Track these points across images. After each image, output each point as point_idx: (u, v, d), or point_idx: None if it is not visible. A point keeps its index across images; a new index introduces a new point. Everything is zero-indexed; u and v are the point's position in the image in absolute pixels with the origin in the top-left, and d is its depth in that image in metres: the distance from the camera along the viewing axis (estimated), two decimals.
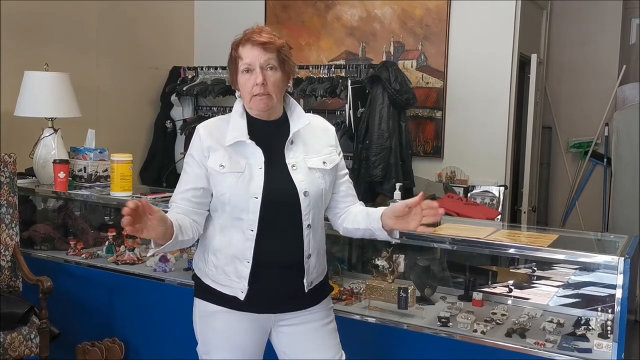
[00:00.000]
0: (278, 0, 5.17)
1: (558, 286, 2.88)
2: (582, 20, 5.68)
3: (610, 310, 2.34)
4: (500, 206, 4.20)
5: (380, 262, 2.70)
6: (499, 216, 4.05)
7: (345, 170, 2.13)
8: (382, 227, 1.98)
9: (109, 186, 3.31)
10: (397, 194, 2.59)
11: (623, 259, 2.16)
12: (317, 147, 2.03)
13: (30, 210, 3.70)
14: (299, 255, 1.97)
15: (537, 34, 5.43)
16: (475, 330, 2.41)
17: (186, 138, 4.88)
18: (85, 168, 3.54)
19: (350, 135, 4.17)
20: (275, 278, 1.97)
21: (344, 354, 2.11)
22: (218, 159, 1.94)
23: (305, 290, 2.00)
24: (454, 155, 4.61)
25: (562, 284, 2.87)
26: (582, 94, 5.69)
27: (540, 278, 2.96)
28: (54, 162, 3.42)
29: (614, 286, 2.18)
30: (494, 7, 4.44)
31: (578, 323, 2.49)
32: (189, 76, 5.00)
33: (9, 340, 2.76)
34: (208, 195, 1.99)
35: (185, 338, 2.26)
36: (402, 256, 2.76)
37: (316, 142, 2.04)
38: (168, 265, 3.09)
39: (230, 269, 1.96)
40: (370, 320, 2.57)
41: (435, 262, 2.93)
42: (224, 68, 4.77)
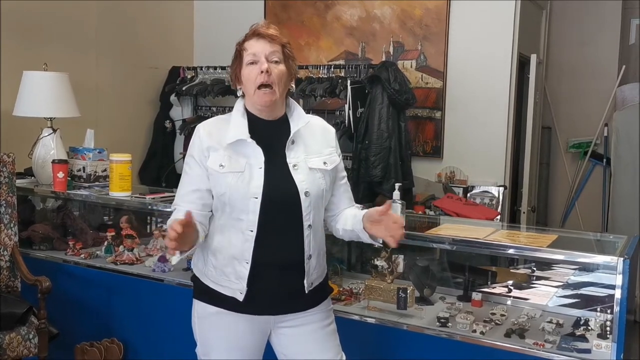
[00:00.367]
0: (277, 0, 5.17)
1: (557, 286, 2.87)
2: (582, 20, 5.68)
3: (609, 311, 2.34)
4: (500, 206, 4.20)
5: (379, 263, 2.70)
6: (499, 216, 4.05)
7: (344, 172, 2.13)
8: (364, 229, 1.99)
9: (108, 186, 3.31)
10: (397, 194, 2.58)
11: (622, 259, 2.16)
12: (318, 148, 2.03)
13: (29, 210, 3.70)
14: (299, 256, 1.96)
15: (537, 34, 5.43)
16: (475, 331, 2.41)
17: (185, 138, 4.87)
18: (84, 168, 3.55)
19: (350, 136, 4.17)
20: (275, 279, 1.96)
21: (344, 355, 2.11)
22: (218, 158, 1.93)
23: (306, 292, 1.99)
24: (453, 156, 4.60)
25: (562, 284, 2.87)
26: (582, 94, 5.68)
27: (539, 278, 2.95)
28: (53, 162, 3.42)
29: (613, 286, 2.18)
30: (493, 7, 4.44)
31: (577, 323, 2.49)
32: (189, 76, 5.00)
33: (7, 341, 2.76)
34: (210, 196, 1.98)
35: (184, 338, 2.25)
36: (402, 256, 2.76)
37: (317, 143, 2.04)
38: (167, 265, 3.09)
39: (230, 270, 1.95)
40: (370, 320, 2.57)
41: (434, 263, 2.93)
42: (223, 68, 4.77)
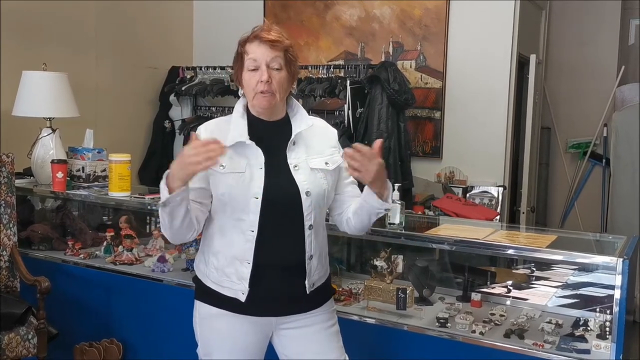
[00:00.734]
0: (277, 0, 5.17)
1: (557, 287, 2.88)
2: (581, 20, 5.68)
3: (608, 311, 2.34)
4: (499, 206, 4.20)
5: (378, 263, 2.70)
6: (498, 217, 4.05)
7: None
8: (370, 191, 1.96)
9: (107, 186, 3.31)
10: (396, 194, 2.58)
11: (622, 259, 2.16)
12: (319, 148, 2.02)
13: (28, 210, 3.70)
14: (301, 257, 1.95)
15: (536, 34, 5.43)
16: (474, 331, 2.41)
17: (185, 138, 4.88)
18: (83, 168, 3.54)
19: (349, 136, 4.16)
20: (277, 279, 1.95)
21: (347, 356, 2.09)
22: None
23: (307, 292, 1.98)
24: (452, 156, 4.60)
25: (561, 284, 2.87)
26: (581, 95, 5.69)
27: (538, 279, 2.95)
28: (52, 162, 3.42)
29: (612, 287, 2.18)
30: (493, 7, 4.44)
31: (577, 324, 2.49)
32: (188, 76, 5.00)
33: (6, 341, 2.76)
34: (207, 196, 1.97)
35: (183, 338, 2.25)
36: (401, 257, 2.75)
37: (318, 143, 2.03)
38: (166, 265, 3.08)
39: (231, 271, 1.95)
40: (369, 320, 2.57)
41: (433, 263, 2.93)
42: (222, 68, 4.78)
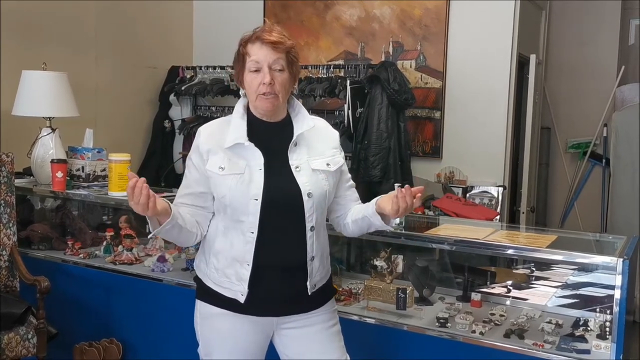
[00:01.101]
0: (277, 0, 5.16)
1: (557, 287, 2.87)
2: (581, 20, 5.68)
3: (608, 311, 2.34)
4: (499, 207, 4.19)
5: (378, 263, 2.70)
6: (498, 217, 4.04)
7: (349, 174, 2.12)
8: (376, 212, 1.97)
9: (107, 186, 3.31)
10: None
11: (622, 259, 2.16)
12: (321, 149, 2.02)
13: (28, 209, 3.69)
14: (302, 258, 1.95)
15: (536, 34, 5.43)
16: (474, 331, 2.41)
17: (185, 138, 4.88)
18: (83, 168, 3.54)
19: (349, 136, 4.17)
20: (277, 281, 1.95)
21: (348, 356, 2.09)
22: (217, 161, 1.93)
23: (309, 293, 1.98)
24: (452, 156, 4.60)
25: (561, 284, 2.87)
26: (581, 95, 5.68)
27: (538, 279, 2.95)
28: (52, 162, 3.42)
29: (612, 287, 2.18)
30: (492, 7, 4.44)
31: (577, 324, 2.49)
32: (188, 76, 4.99)
33: (6, 341, 2.76)
34: (208, 199, 1.98)
35: (183, 338, 2.25)
36: (401, 257, 2.75)
37: (320, 144, 2.02)
38: (166, 265, 3.08)
39: (231, 272, 1.94)
40: (369, 320, 2.57)
41: (433, 263, 2.93)
42: (222, 68, 4.77)
